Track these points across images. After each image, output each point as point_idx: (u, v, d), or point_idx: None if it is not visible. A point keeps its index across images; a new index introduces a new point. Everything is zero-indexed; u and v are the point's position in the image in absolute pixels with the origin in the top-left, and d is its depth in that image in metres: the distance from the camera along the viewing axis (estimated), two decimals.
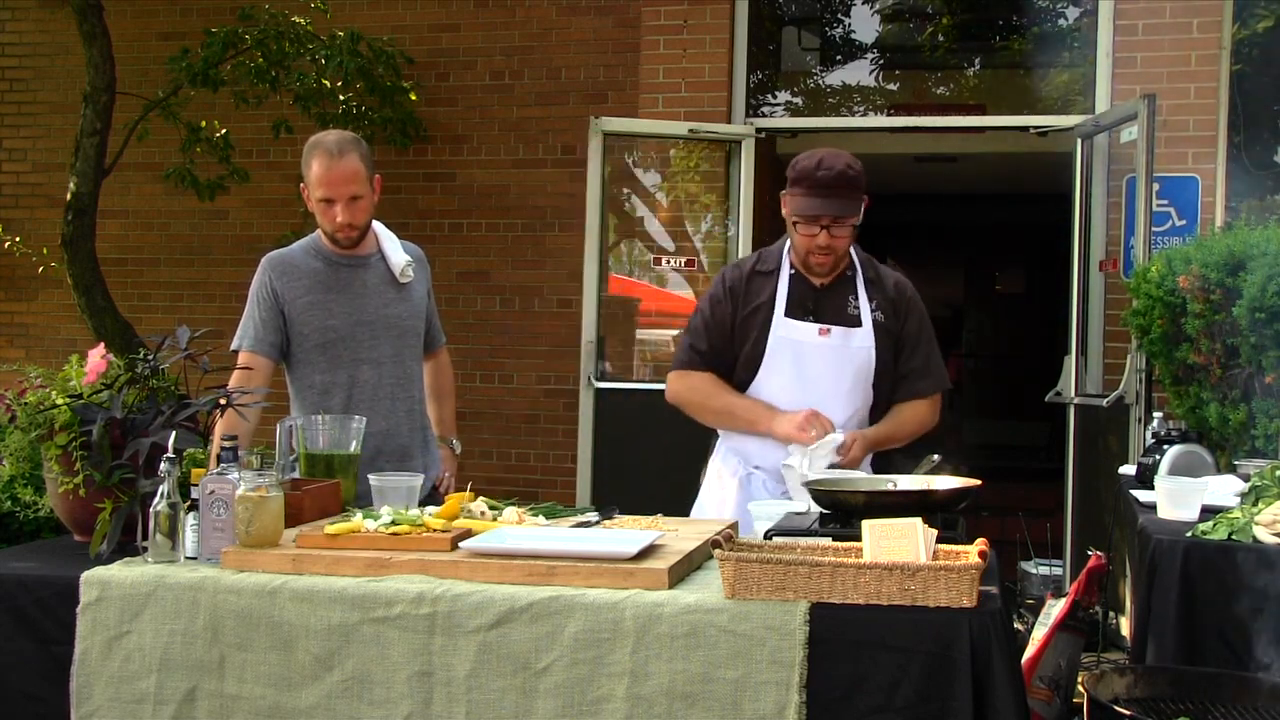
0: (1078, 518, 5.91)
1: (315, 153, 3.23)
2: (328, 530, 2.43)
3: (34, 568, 2.47)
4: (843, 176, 3.12)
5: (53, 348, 7.42)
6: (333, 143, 3.23)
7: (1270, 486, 2.85)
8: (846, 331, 3.21)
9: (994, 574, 2.36)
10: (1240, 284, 3.92)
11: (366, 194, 3.27)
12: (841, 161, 3.14)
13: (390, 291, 3.37)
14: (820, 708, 2.11)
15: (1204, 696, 2.43)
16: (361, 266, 3.36)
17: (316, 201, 3.24)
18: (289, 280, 3.30)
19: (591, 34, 6.98)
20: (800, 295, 3.24)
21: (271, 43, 6.47)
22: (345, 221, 3.23)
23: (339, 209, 3.22)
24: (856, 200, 3.16)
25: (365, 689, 2.25)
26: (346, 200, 3.22)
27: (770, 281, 3.27)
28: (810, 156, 3.16)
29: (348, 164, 3.20)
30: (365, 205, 3.27)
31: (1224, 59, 6.01)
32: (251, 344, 3.29)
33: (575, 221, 6.46)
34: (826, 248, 3.15)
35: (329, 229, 3.28)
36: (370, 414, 3.23)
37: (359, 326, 3.32)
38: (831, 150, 3.19)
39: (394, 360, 3.36)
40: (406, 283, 3.40)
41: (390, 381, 3.35)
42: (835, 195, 3.11)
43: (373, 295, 3.35)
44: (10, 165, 7.92)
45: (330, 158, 3.20)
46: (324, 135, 3.29)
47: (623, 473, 6.06)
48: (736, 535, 2.55)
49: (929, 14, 7.43)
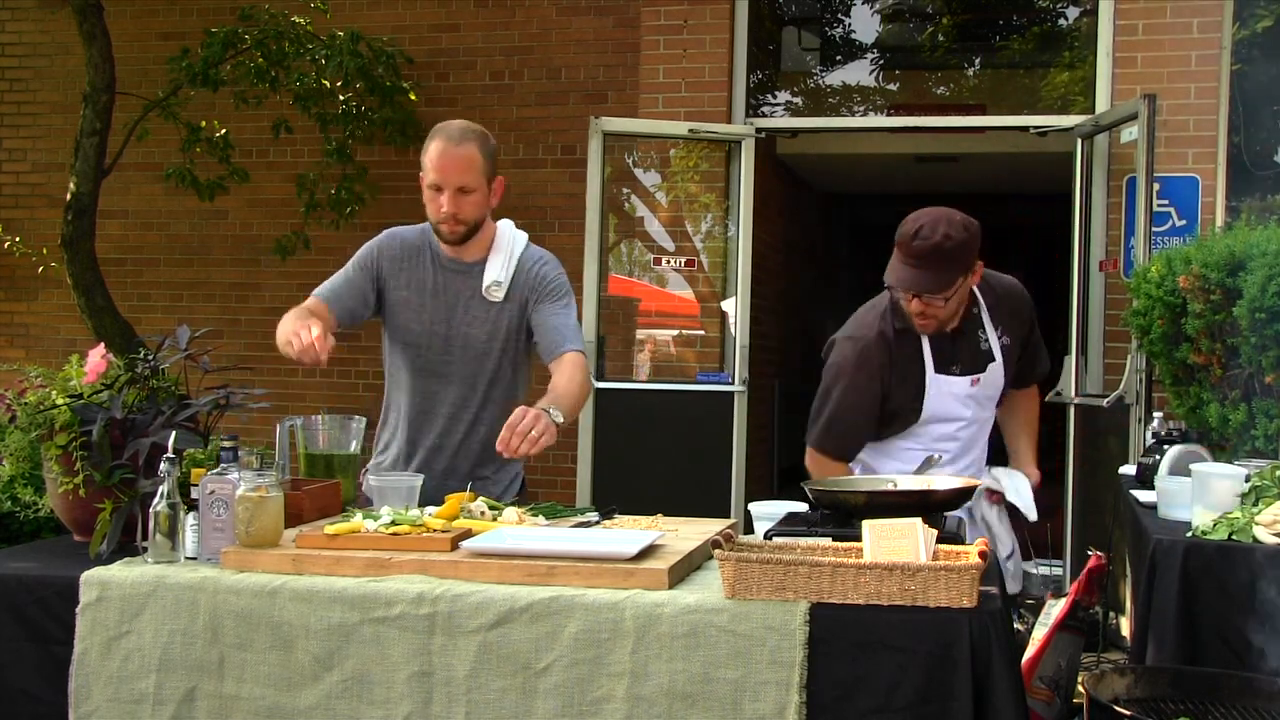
0: (1078, 518, 5.91)
1: (435, 136, 3.08)
2: (327, 530, 2.43)
3: (34, 568, 2.47)
4: (938, 250, 2.99)
5: (53, 348, 7.43)
6: (456, 129, 3.08)
7: (1270, 486, 2.85)
8: (987, 371, 3.25)
9: (994, 574, 2.36)
10: (1240, 284, 3.92)
11: (480, 189, 3.07)
12: (939, 232, 3.00)
13: (477, 308, 3.16)
14: (820, 708, 2.11)
15: (1204, 696, 2.43)
16: (463, 274, 3.17)
17: (426, 188, 3.08)
18: (396, 266, 3.18)
19: (591, 34, 6.98)
20: (942, 347, 3.20)
21: (271, 43, 6.48)
22: (450, 212, 3.05)
23: (445, 197, 3.04)
24: (951, 274, 3.02)
25: (365, 689, 2.25)
26: (455, 190, 3.03)
27: (913, 341, 3.19)
28: (914, 220, 3.05)
29: (464, 152, 3.04)
30: (476, 201, 3.07)
31: (1224, 59, 6.01)
32: (325, 295, 3.13)
33: (575, 221, 6.46)
34: (922, 314, 3.10)
35: (434, 218, 3.11)
36: (424, 427, 3.18)
37: (434, 338, 3.17)
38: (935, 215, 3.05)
39: (463, 379, 3.18)
40: (495, 302, 3.16)
41: (452, 400, 3.18)
42: (927, 268, 3.00)
43: (459, 309, 3.16)
44: (10, 165, 7.93)
45: (448, 142, 3.04)
46: (450, 122, 3.14)
47: (623, 473, 6.06)
48: (737, 535, 2.54)
49: (929, 14, 7.43)
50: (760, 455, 7.40)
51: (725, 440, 6.20)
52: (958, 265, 3.04)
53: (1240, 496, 2.87)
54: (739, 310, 6.36)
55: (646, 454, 6.13)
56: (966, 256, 3.05)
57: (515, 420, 2.71)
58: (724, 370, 6.57)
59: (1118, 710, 2.25)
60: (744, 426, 6.24)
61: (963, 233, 3.03)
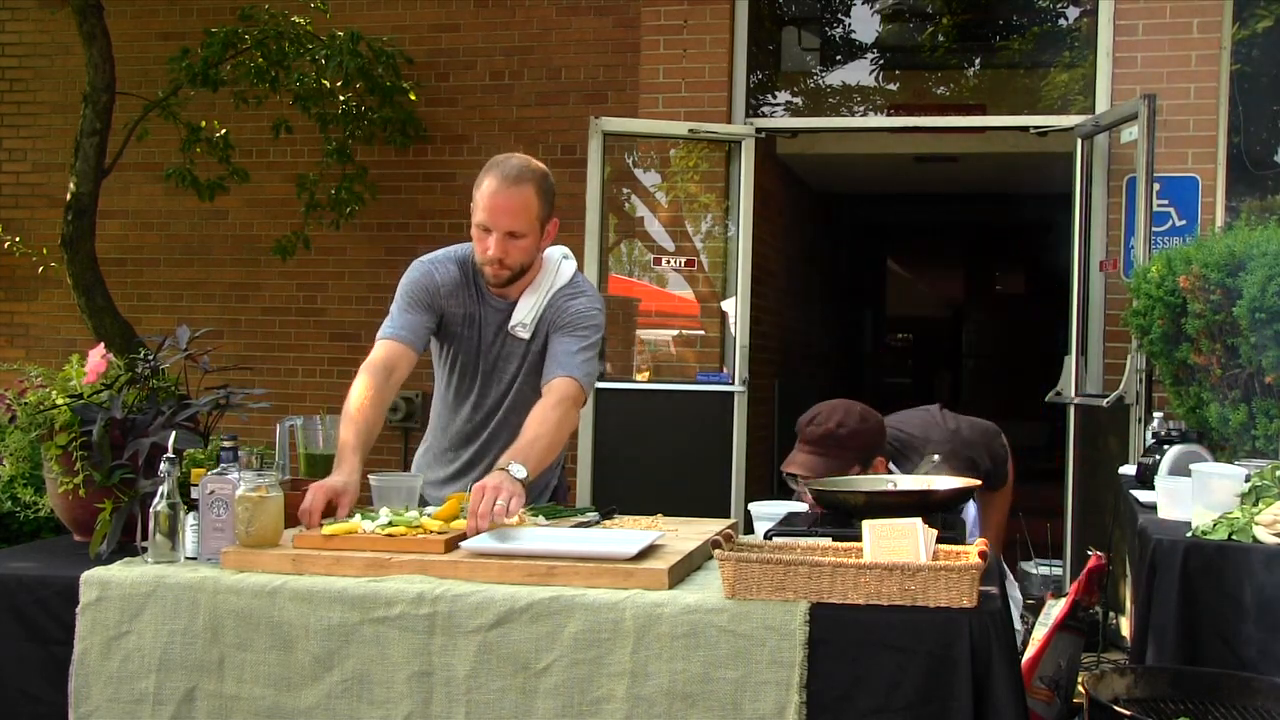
0: (1078, 518, 5.91)
1: (491, 171, 2.88)
2: (324, 531, 2.43)
3: (34, 568, 2.47)
4: (830, 436, 3.12)
5: (53, 348, 7.43)
6: (514, 167, 2.87)
7: (1270, 486, 2.85)
8: None
9: (994, 574, 2.36)
10: (1240, 284, 3.92)
11: (532, 235, 2.87)
12: (832, 422, 3.13)
13: (511, 344, 3.03)
14: (820, 708, 2.11)
15: (1204, 696, 2.44)
16: (501, 310, 3.03)
17: (475, 225, 2.89)
18: (449, 293, 3.01)
19: (591, 34, 6.99)
20: None
21: (271, 43, 6.48)
22: (496, 257, 2.86)
23: (493, 241, 2.85)
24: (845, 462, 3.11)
25: (365, 689, 2.25)
26: (504, 234, 2.84)
27: None
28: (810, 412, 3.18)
29: (520, 194, 2.84)
30: (525, 246, 2.88)
31: (1224, 59, 6.01)
32: (403, 336, 2.93)
33: (575, 221, 6.44)
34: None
35: (479, 260, 2.92)
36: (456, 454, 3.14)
37: (472, 370, 3.07)
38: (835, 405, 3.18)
39: (498, 415, 3.08)
40: (522, 339, 3.02)
41: (488, 434, 3.09)
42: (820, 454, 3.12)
43: (494, 342, 3.04)
44: (10, 165, 7.93)
45: (503, 181, 2.84)
46: (509, 157, 2.93)
47: (623, 473, 6.06)
48: (737, 535, 2.54)
49: (929, 14, 7.43)
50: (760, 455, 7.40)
51: (725, 440, 6.21)
52: (850, 453, 3.13)
53: (1240, 496, 2.87)
54: (739, 310, 6.37)
55: (646, 454, 6.13)
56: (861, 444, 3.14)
57: (474, 504, 2.50)
58: (724, 370, 6.57)
59: (1118, 710, 2.26)
60: (744, 426, 6.24)
61: (859, 423, 3.14)
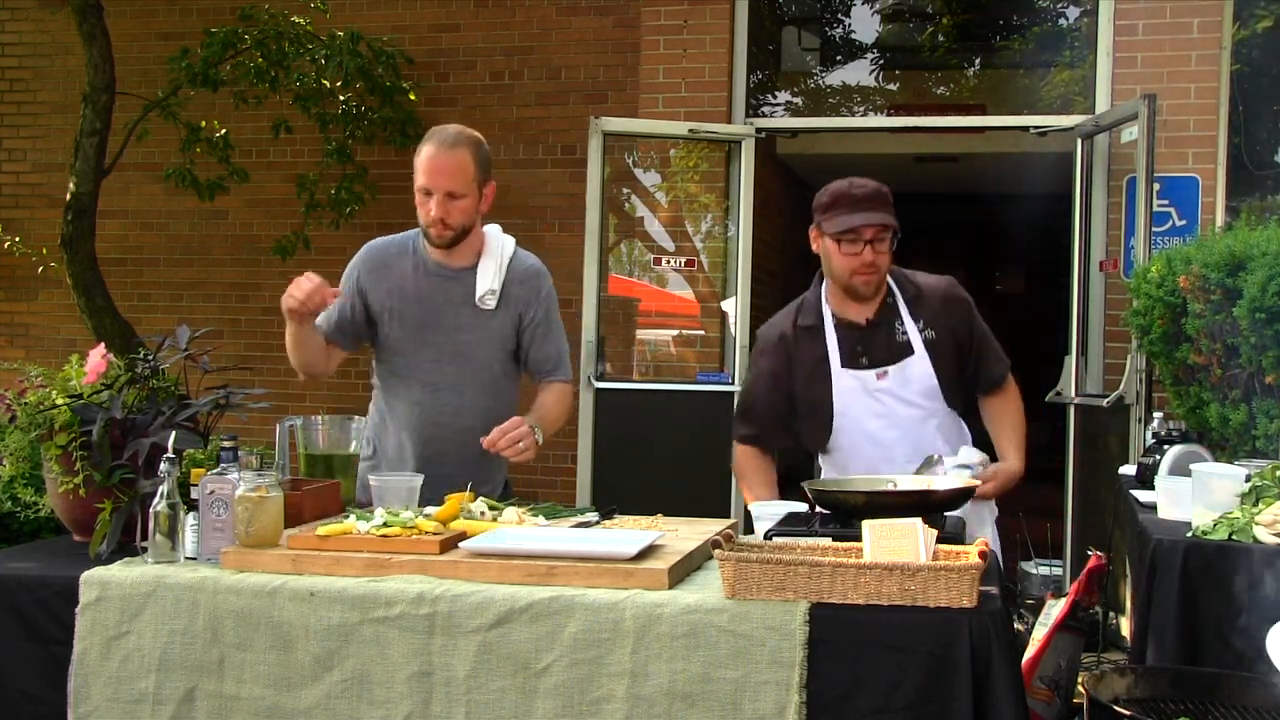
0: (1078, 518, 5.92)
1: (429, 140, 3.11)
2: (319, 532, 2.43)
3: (34, 568, 2.47)
4: (878, 191, 3.15)
5: (53, 348, 7.43)
6: (449, 134, 3.11)
7: (1270, 486, 2.85)
8: (902, 365, 3.20)
9: (994, 574, 2.36)
10: (1240, 284, 3.92)
11: (470, 195, 3.11)
12: (873, 181, 3.18)
13: (468, 314, 3.19)
14: (820, 708, 2.11)
15: (1204, 696, 2.43)
16: (451, 280, 3.20)
17: (417, 190, 3.11)
18: (377, 278, 3.21)
19: (591, 34, 6.99)
20: (850, 342, 3.22)
21: (271, 43, 6.48)
22: (438, 217, 3.08)
23: (434, 202, 3.07)
24: (893, 213, 3.16)
25: (365, 689, 2.25)
26: (444, 194, 3.07)
27: (817, 337, 3.24)
28: (839, 182, 3.18)
29: (456, 157, 3.07)
30: (464, 207, 3.11)
31: (1224, 59, 6.01)
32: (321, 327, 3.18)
33: (575, 221, 6.46)
34: (871, 265, 3.13)
35: (423, 222, 3.13)
36: (415, 436, 3.19)
37: (425, 345, 3.19)
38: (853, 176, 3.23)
39: (453, 388, 3.20)
40: (487, 309, 3.20)
41: (445, 408, 3.19)
42: (875, 208, 3.12)
43: (448, 315, 3.19)
44: (10, 165, 7.93)
45: (440, 146, 3.08)
46: (445, 126, 3.16)
47: (623, 473, 6.06)
48: (737, 535, 2.54)
49: (929, 14, 7.43)
50: None
51: (725, 440, 6.16)
52: (893, 208, 3.17)
53: (1240, 496, 2.87)
54: (739, 310, 6.37)
55: (646, 454, 6.13)
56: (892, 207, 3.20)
57: (509, 426, 2.97)
58: (724, 370, 6.57)
59: (1118, 710, 2.26)
60: None
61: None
